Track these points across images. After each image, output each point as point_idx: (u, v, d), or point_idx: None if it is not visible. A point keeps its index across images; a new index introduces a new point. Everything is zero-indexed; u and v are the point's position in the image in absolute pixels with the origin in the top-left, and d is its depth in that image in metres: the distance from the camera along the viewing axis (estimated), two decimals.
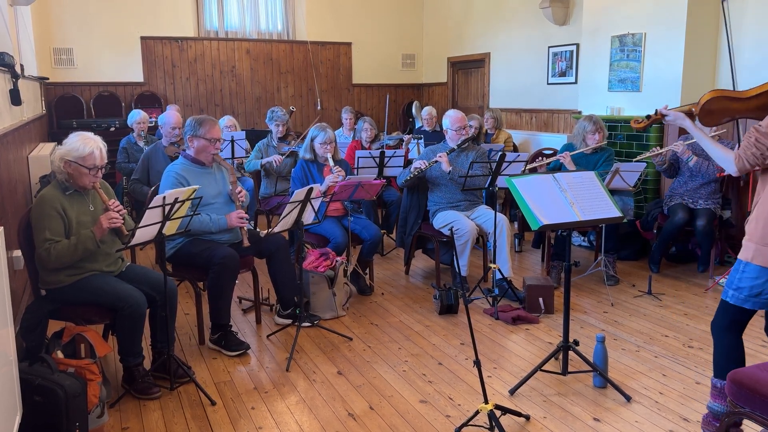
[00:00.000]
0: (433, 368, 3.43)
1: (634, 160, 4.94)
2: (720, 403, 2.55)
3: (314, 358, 3.57)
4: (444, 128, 4.74)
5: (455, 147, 4.61)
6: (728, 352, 2.53)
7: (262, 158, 5.70)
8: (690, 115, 2.72)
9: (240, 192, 3.82)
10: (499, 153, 4.57)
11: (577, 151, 4.95)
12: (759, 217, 2.42)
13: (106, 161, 3.10)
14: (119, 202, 3.18)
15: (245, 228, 3.76)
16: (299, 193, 3.57)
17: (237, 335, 3.74)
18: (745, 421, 2.70)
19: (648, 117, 2.90)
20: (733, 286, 2.48)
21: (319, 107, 9.82)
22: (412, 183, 4.66)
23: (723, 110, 2.59)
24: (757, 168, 2.44)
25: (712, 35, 5.59)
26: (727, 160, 2.50)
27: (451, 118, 4.67)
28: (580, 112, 6.58)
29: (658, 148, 4.92)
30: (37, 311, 3.03)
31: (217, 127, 3.79)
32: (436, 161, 4.54)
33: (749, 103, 2.53)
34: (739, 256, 2.50)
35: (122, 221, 3.10)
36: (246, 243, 3.74)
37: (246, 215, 3.77)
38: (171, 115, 5.23)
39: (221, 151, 5.36)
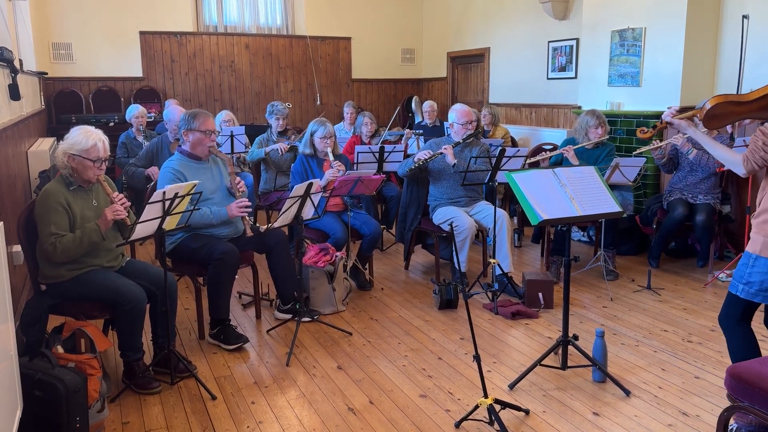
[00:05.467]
0: (432, 363, 3.44)
1: (633, 154, 4.94)
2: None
3: (314, 353, 3.58)
4: (450, 122, 4.73)
5: (460, 141, 4.61)
6: (744, 343, 2.57)
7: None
8: (693, 119, 2.79)
9: (239, 182, 3.82)
10: (499, 148, 4.57)
11: (578, 146, 4.95)
12: (765, 211, 2.46)
13: (109, 153, 3.11)
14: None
15: (247, 218, 3.76)
16: (299, 188, 3.56)
17: (236, 329, 3.74)
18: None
19: (654, 127, 2.96)
20: (743, 280, 2.50)
21: (318, 102, 9.81)
22: (414, 173, 4.65)
23: (727, 114, 2.63)
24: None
25: (712, 30, 5.58)
26: (735, 163, 2.55)
27: (458, 111, 4.66)
28: (580, 107, 6.58)
29: (657, 141, 4.92)
30: (37, 306, 3.04)
31: (211, 119, 3.79)
32: (441, 153, 4.54)
33: (752, 105, 2.57)
34: (747, 248, 2.52)
35: (126, 213, 3.11)
36: (249, 232, 3.74)
37: (248, 203, 3.77)
38: (176, 112, 5.22)
39: (220, 146, 5.37)
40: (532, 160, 5.06)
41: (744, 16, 4.92)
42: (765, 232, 2.45)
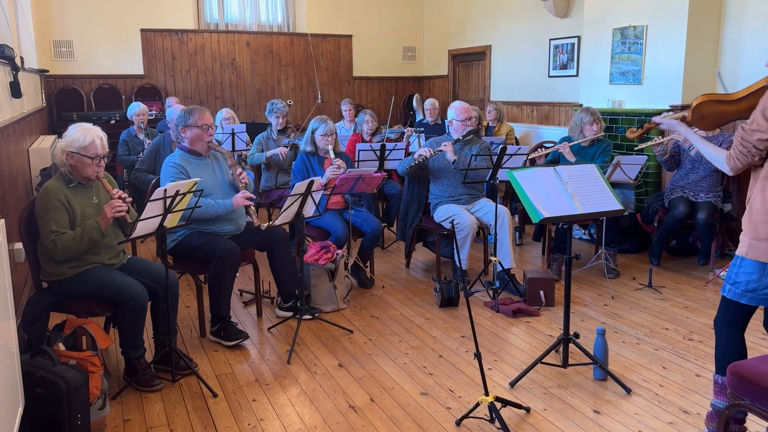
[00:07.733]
0: (433, 361, 3.44)
1: (635, 149, 4.93)
2: (722, 399, 2.54)
3: (315, 351, 3.58)
4: (449, 119, 4.73)
5: (460, 138, 4.61)
6: (728, 348, 2.53)
7: (263, 151, 5.69)
8: (684, 121, 2.72)
9: (241, 174, 3.82)
10: (500, 146, 4.56)
11: (574, 143, 4.95)
12: (751, 211, 2.42)
13: (107, 150, 3.11)
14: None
15: (252, 207, 3.77)
16: (300, 186, 3.56)
17: (236, 326, 3.74)
18: (750, 417, 2.71)
19: (641, 126, 2.94)
20: (730, 280, 2.49)
21: (319, 100, 9.80)
22: (414, 171, 4.65)
23: (715, 114, 2.57)
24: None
25: (714, 27, 5.56)
26: (720, 161, 2.51)
27: (457, 108, 4.67)
28: (581, 105, 6.57)
29: (658, 137, 4.91)
30: (39, 304, 3.04)
31: (207, 114, 3.79)
32: (441, 150, 4.54)
33: (740, 104, 2.49)
34: (736, 252, 2.50)
35: (126, 209, 3.11)
36: (256, 222, 3.75)
37: (252, 195, 3.77)
38: (178, 111, 5.23)
39: (221, 144, 5.37)
40: (530, 157, 5.06)
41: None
42: (751, 234, 2.40)
